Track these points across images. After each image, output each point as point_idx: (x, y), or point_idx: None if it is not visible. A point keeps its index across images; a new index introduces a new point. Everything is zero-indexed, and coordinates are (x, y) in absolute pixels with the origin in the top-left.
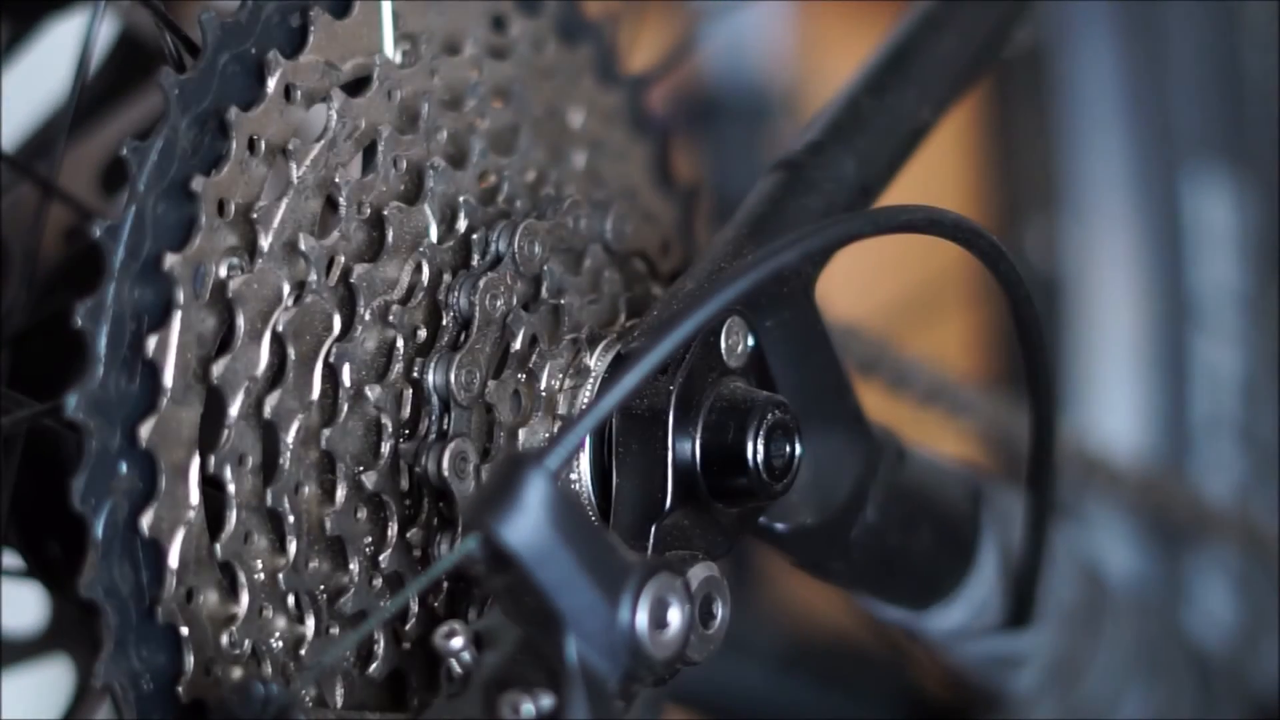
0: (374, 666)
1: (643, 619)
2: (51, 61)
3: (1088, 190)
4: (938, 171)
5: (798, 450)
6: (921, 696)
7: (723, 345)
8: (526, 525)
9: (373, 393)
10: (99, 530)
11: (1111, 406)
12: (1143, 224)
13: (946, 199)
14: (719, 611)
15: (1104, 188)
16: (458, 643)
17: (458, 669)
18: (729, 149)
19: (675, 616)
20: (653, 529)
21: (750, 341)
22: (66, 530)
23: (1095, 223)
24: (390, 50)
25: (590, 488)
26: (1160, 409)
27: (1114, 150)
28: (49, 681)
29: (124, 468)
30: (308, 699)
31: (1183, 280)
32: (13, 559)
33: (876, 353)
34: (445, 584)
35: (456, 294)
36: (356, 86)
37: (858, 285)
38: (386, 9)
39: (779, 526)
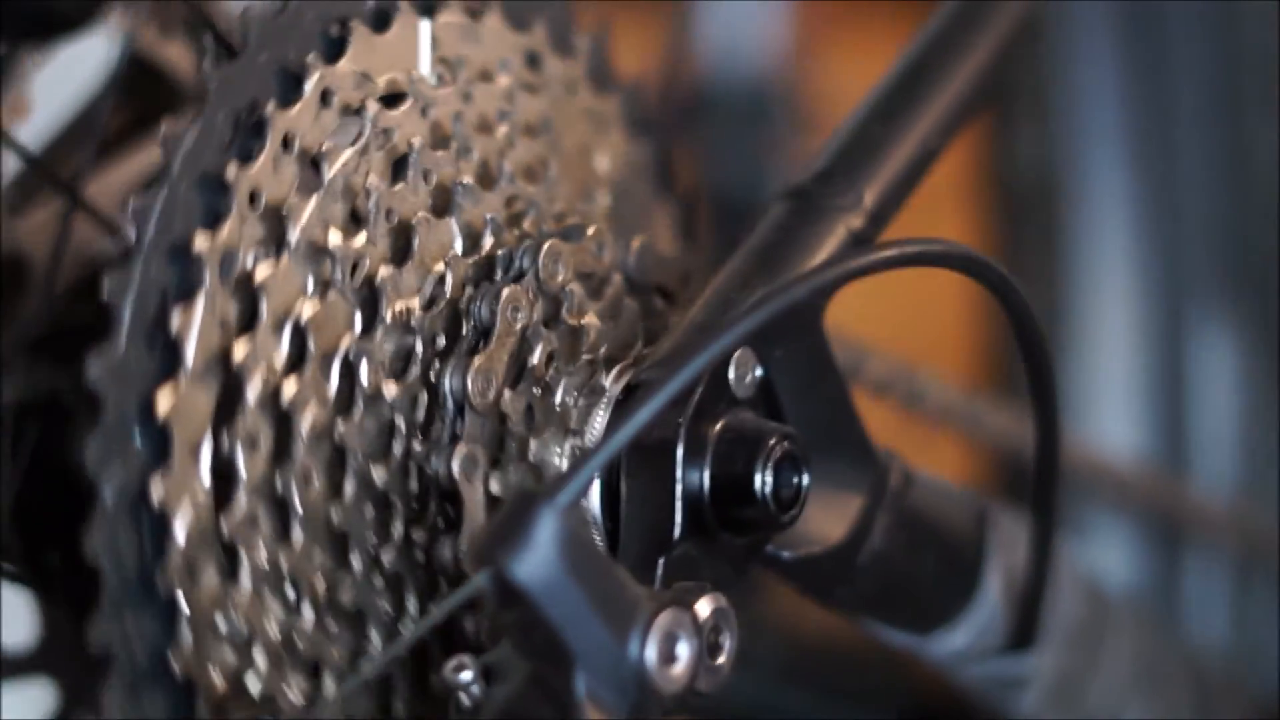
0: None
1: (651, 654)
2: (66, 76)
3: (1087, 192)
4: (936, 188)
5: (806, 480)
6: (921, 704)
7: (731, 376)
8: (537, 562)
9: (389, 392)
10: (108, 497)
11: (1111, 409)
12: (1142, 224)
13: (946, 204)
14: (726, 643)
15: (1103, 191)
16: (467, 676)
17: (466, 702)
18: (728, 149)
19: (684, 650)
20: (661, 560)
21: (759, 372)
22: (68, 541)
23: (1095, 224)
24: (426, 70)
25: (599, 515)
26: (1160, 411)
27: (1113, 151)
28: (31, 699)
29: (138, 438)
30: None
31: (1183, 280)
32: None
33: (891, 373)
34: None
35: (478, 303)
36: (390, 102)
37: (859, 292)
38: (425, 28)
39: (786, 555)
